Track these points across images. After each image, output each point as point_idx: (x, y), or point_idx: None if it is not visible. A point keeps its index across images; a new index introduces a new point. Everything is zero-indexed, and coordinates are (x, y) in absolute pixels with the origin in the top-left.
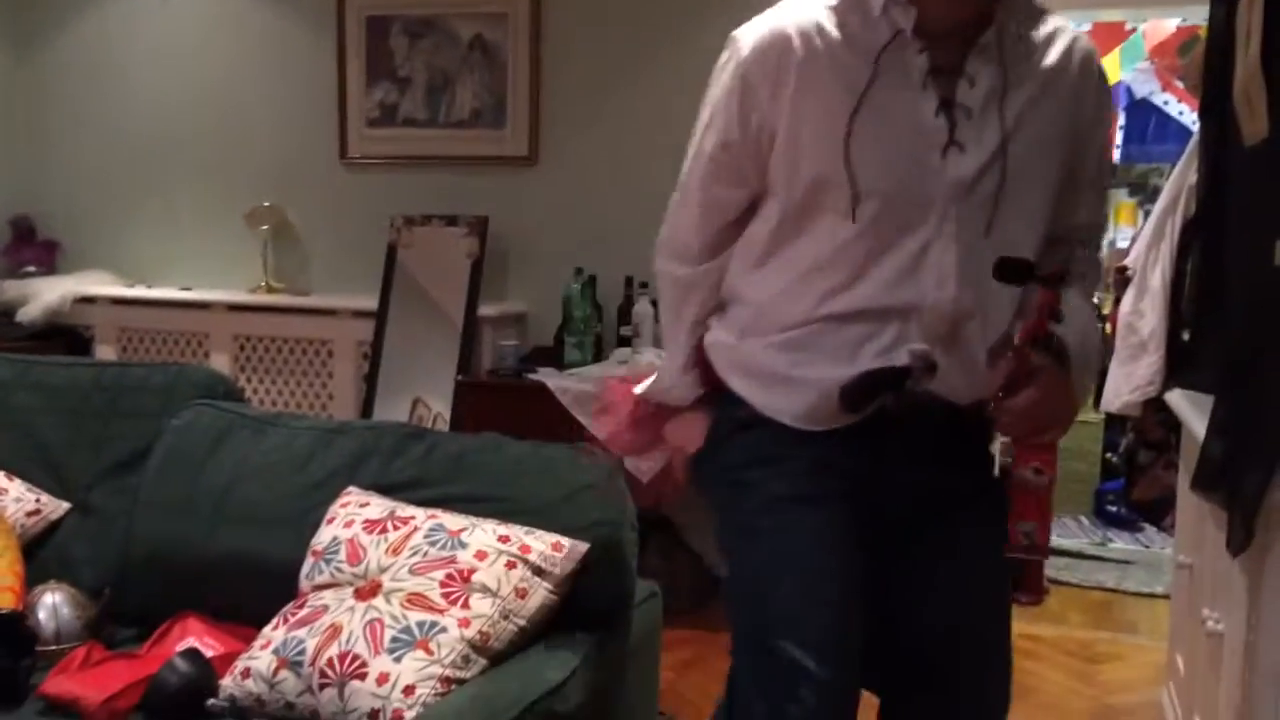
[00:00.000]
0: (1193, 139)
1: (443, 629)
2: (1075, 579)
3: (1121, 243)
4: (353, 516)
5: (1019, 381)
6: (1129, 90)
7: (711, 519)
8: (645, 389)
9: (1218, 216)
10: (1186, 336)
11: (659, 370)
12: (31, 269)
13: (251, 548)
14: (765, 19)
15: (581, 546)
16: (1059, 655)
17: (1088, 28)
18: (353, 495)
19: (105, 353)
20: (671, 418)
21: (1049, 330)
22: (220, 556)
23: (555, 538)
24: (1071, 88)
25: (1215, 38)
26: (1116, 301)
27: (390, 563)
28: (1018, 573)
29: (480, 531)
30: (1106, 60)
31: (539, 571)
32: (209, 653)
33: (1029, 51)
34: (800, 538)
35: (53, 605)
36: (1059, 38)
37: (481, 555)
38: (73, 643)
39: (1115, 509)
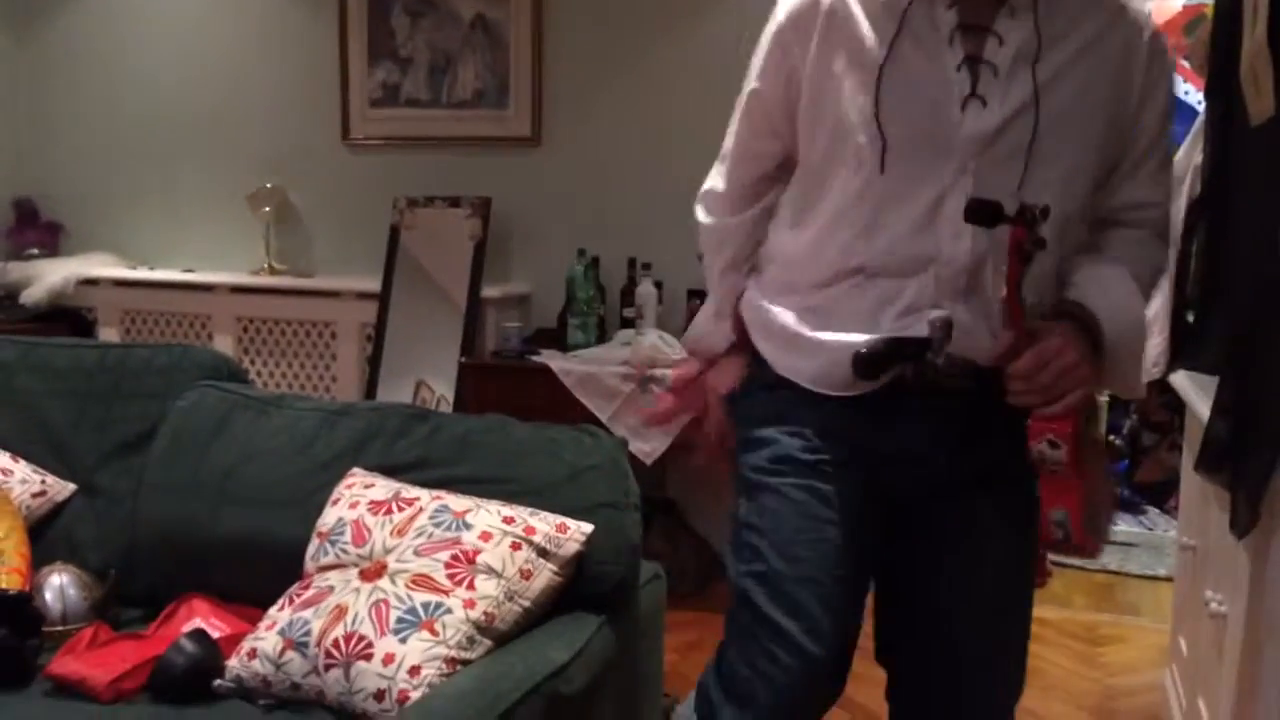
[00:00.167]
0: (1198, 119)
1: (448, 610)
2: (1078, 561)
3: None
4: (358, 498)
5: (1021, 346)
6: None
7: (717, 498)
8: (685, 337)
9: (1223, 197)
10: (1191, 318)
11: (696, 317)
12: (34, 251)
13: (257, 529)
14: None
15: (586, 528)
16: (1062, 638)
17: None
18: (357, 476)
19: (108, 335)
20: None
21: (1021, 270)
22: (226, 538)
23: (560, 519)
24: (1118, 57)
25: (1222, 16)
26: None
27: (395, 544)
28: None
29: (485, 513)
30: None
31: (544, 553)
32: (215, 634)
33: (1071, 15)
34: (793, 502)
35: (59, 586)
36: (1109, 5)
37: (486, 536)
38: (79, 624)
39: (1119, 491)
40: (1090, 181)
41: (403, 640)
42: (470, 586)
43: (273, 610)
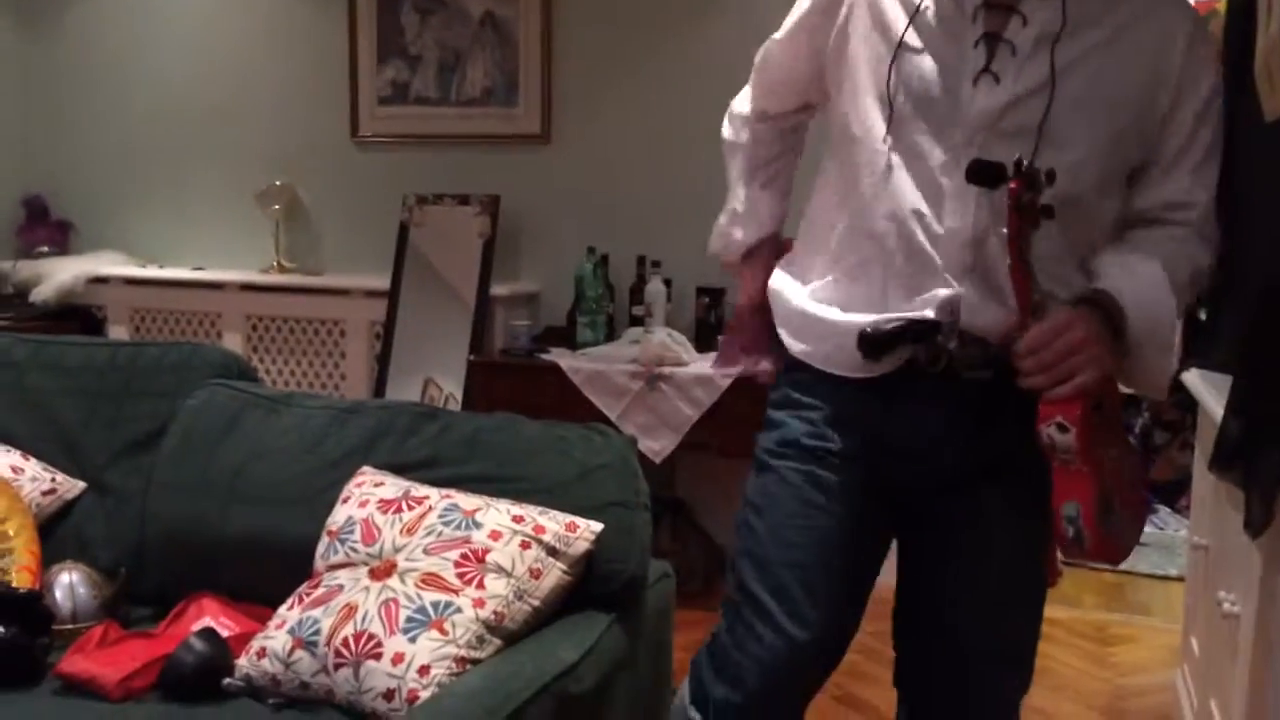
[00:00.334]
0: None
1: (457, 609)
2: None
3: None
4: (367, 496)
5: (1029, 322)
6: None
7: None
8: (710, 249)
9: (1236, 193)
10: (1203, 315)
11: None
12: (44, 249)
13: (266, 527)
14: None
15: (595, 526)
16: (1072, 637)
17: None
18: (367, 475)
19: (118, 333)
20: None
21: (1021, 228)
22: (235, 536)
23: (569, 518)
24: (1150, 49)
25: (1235, 12)
26: None
27: (405, 543)
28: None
29: (494, 511)
30: None
31: (553, 552)
32: (225, 632)
33: (1103, 2)
34: (790, 486)
35: (69, 584)
36: (1145, 6)
37: (496, 535)
38: (89, 622)
39: (1146, 494)
40: (1101, 170)
41: (412, 639)
42: (480, 585)
43: (282, 609)
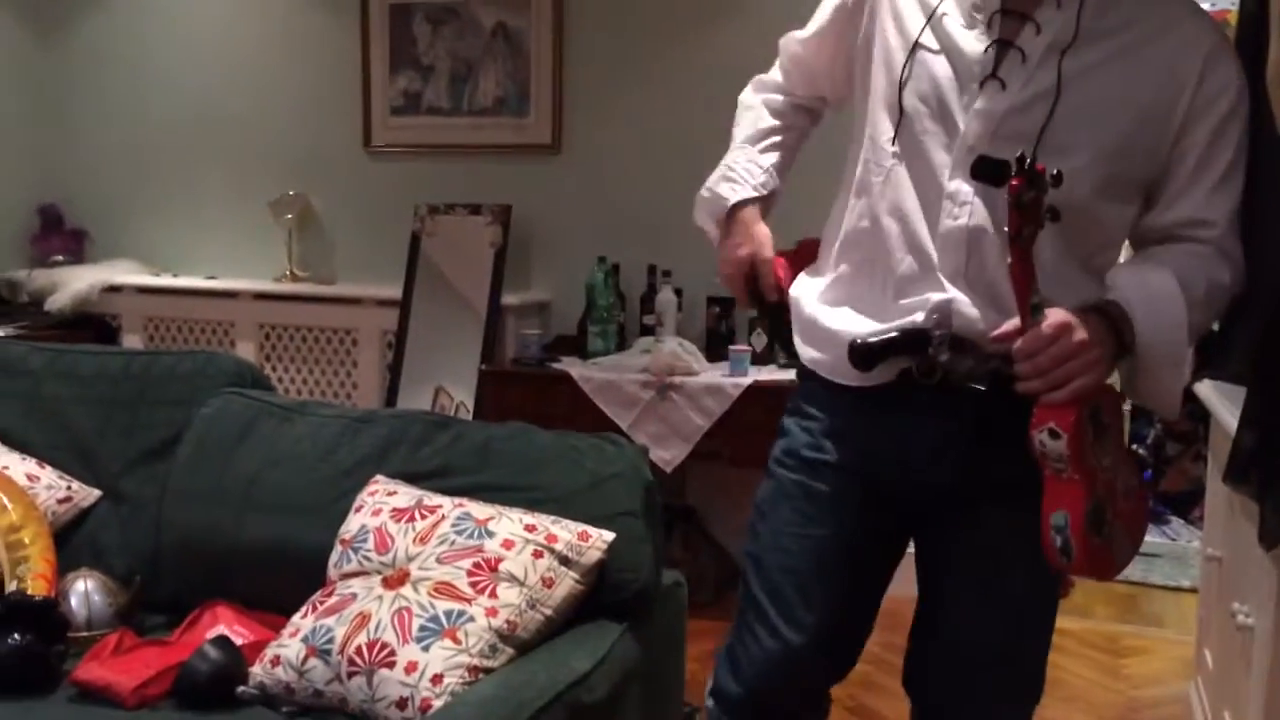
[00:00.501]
0: None
1: (470, 618)
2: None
3: None
4: (380, 505)
5: (1028, 326)
6: None
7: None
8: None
9: (1249, 204)
10: (1216, 326)
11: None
12: (59, 258)
13: (280, 536)
14: None
15: (608, 536)
16: (1084, 649)
17: None
18: (380, 484)
19: (132, 341)
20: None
21: (1022, 228)
22: (249, 544)
23: (582, 527)
24: (1163, 68)
25: (1247, 22)
26: None
27: (418, 551)
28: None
29: (507, 520)
30: None
31: (566, 561)
32: (239, 640)
33: (1123, 15)
34: (787, 496)
35: (84, 592)
36: (1169, 13)
37: (508, 544)
38: (104, 630)
39: (1149, 504)
40: (1101, 178)
41: (425, 648)
42: (492, 594)
43: (296, 617)
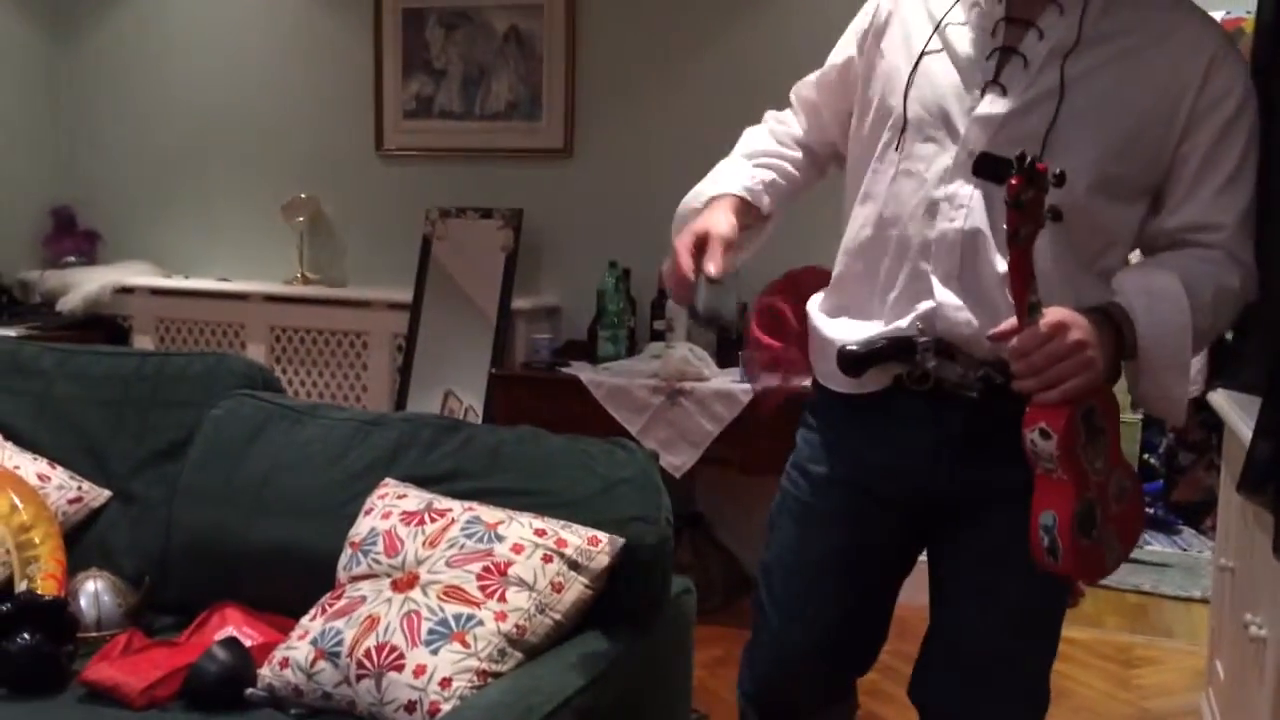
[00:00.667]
0: None
1: (479, 622)
2: (1111, 581)
3: None
4: (390, 508)
5: (1025, 325)
6: None
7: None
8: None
9: (1265, 211)
10: (1230, 335)
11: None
12: (72, 259)
13: (290, 538)
14: None
15: (618, 541)
16: (1095, 659)
17: None
18: (390, 487)
19: (143, 343)
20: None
21: (1020, 227)
22: (259, 546)
23: (591, 532)
24: (1164, 72)
25: (1263, 30)
26: None
27: (427, 555)
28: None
29: (517, 525)
30: None
31: (575, 566)
32: (248, 642)
33: (1124, 21)
34: (788, 511)
35: (94, 592)
36: (1172, 18)
37: (518, 548)
38: (113, 630)
39: (1153, 511)
40: (1102, 179)
41: (434, 652)
42: (502, 599)
43: (305, 619)
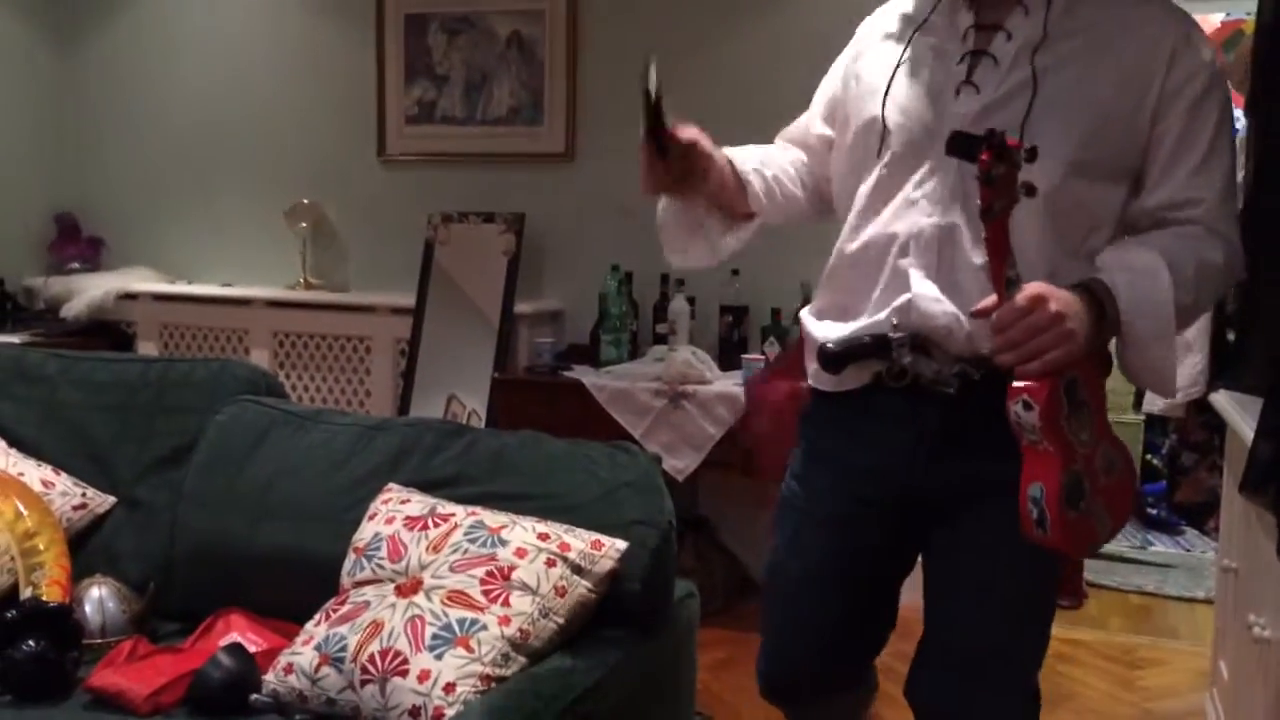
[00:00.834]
0: (1239, 135)
1: (483, 626)
2: (1115, 582)
3: None
4: (394, 513)
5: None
6: None
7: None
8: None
9: (1265, 213)
10: (1232, 337)
11: None
12: (76, 265)
13: (293, 543)
14: None
15: (621, 545)
16: (1099, 660)
17: None
18: (393, 492)
19: (147, 348)
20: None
21: (994, 202)
22: (263, 552)
23: (595, 536)
24: (1131, 58)
25: (1263, 31)
26: None
27: (431, 560)
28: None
29: (520, 529)
30: None
31: (578, 569)
32: (252, 648)
33: (1089, 15)
34: (785, 513)
35: (99, 599)
36: (1136, 10)
37: (521, 553)
38: (118, 636)
39: (1155, 512)
40: (1076, 164)
41: (438, 656)
42: (505, 603)
43: (309, 625)
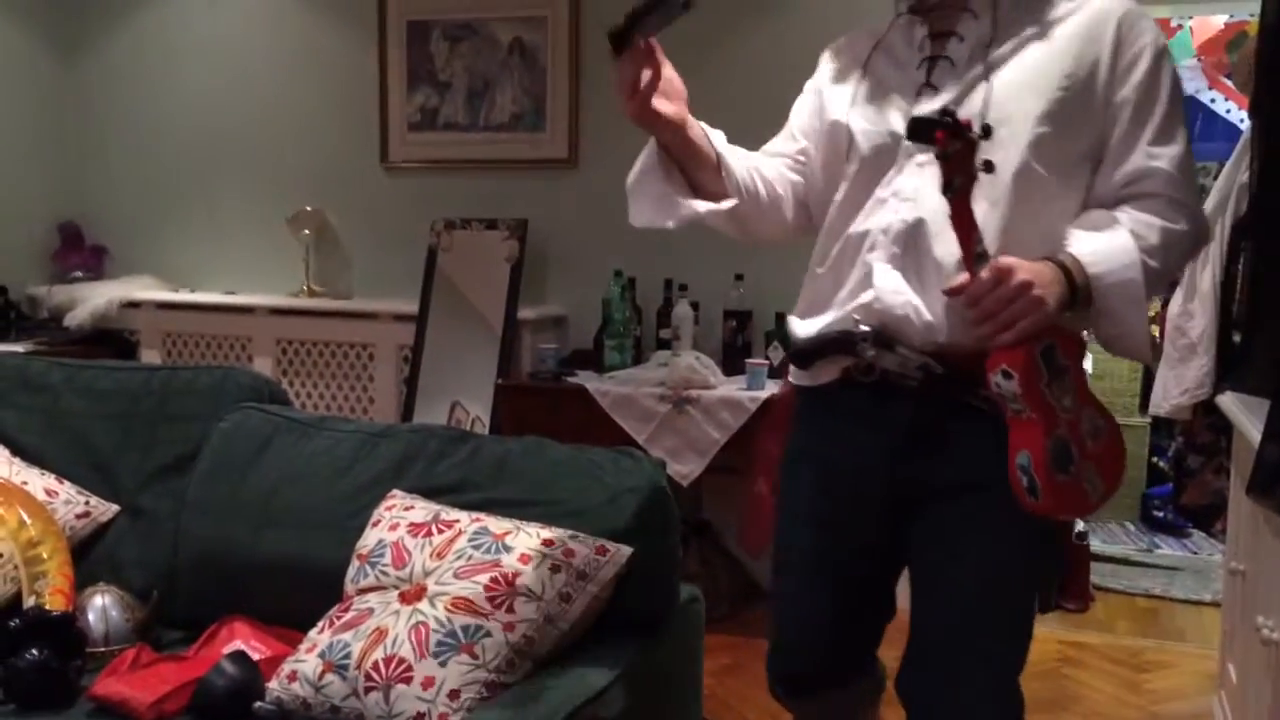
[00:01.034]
0: (1243, 137)
1: (487, 633)
2: (1122, 585)
3: None
4: (397, 520)
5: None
6: None
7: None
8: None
9: (1270, 215)
10: (1238, 339)
11: None
12: (79, 274)
13: (297, 551)
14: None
15: (625, 550)
16: (1106, 663)
17: None
18: (397, 499)
19: (150, 356)
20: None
21: (953, 179)
22: (266, 559)
23: (599, 541)
24: (1079, 40)
25: (1267, 33)
26: (1164, 303)
27: (435, 566)
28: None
29: (524, 535)
30: None
31: (583, 575)
32: (256, 656)
33: (1032, 9)
34: (784, 513)
35: (102, 607)
36: (1078, 4)
37: (526, 559)
38: (122, 645)
39: (1162, 514)
40: (1034, 147)
41: (442, 664)
42: (510, 610)
43: (313, 632)
